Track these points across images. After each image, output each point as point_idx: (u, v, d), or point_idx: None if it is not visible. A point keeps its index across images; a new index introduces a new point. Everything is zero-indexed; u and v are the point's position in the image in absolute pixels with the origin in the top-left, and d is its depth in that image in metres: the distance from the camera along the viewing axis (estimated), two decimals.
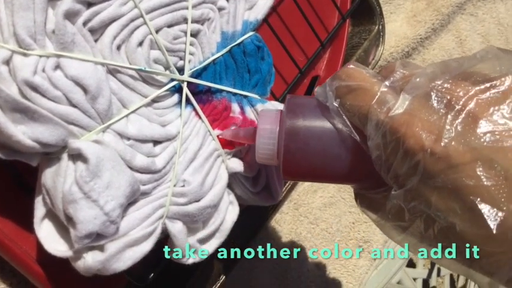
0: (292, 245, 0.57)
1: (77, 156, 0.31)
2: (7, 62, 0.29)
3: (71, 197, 0.30)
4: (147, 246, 0.34)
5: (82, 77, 0.31)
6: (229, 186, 0.39)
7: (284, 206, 0.57)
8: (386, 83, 0.26)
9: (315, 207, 0.59)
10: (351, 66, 0.29)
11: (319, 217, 0.60)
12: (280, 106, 0.40)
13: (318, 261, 0.59)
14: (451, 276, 0.73)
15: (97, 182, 0.31)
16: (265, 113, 0.34)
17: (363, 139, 0.28)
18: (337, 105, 0.29)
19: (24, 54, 0.29)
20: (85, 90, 0.31)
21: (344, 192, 0.62)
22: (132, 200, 0.33)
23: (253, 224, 0.51)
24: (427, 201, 0.23)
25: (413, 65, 0.27)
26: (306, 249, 0.58)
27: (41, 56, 0.30)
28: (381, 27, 0.60)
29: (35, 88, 0.29)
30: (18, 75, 0.29)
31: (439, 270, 0.72)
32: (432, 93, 0.24)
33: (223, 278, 0.48)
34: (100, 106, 0.32)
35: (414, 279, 0.69)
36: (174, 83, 0.36)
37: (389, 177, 0.25)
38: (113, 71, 0.33)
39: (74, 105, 0.31)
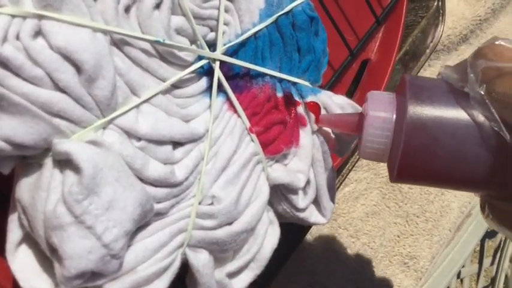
0: (330, 263, 0.48)
1: (66, 164, 0.22)
2: None
3: (57, 221, 0.22)
4: (160, 286, 0.25)
5: (74, 49, 0.21)
6: (268, 201, 0.30)
7: None
8: None
9: (356, 218, 0.50)
10: (501, 42, 0.24)
11: (360, 229, 0.51)
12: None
13: (357, 282, 0.50)
14: None
15: (93, 201, 0.22)
16: (376, 96, 0.27)
17: None
18: (482, 92, 0.24)
19: None
20: (78, 68, 0.22)
21: (389, 200, 0.53)
22: (142, 223, 0.24)
23: (288, 242, 0.42)
24: None
25: None
26: (346, 267, 0.49)
27: (14, 16, 0.21)
28: (440, 2, 0.50)
29: (3, 63, 0.20)
30: None
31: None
32: None
33: None
34: (99, 92, 0.22)
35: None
36: (203, 62, 0.26)
37: None
38: (118, 43, 0.24)
39: (62, 90, 0.22)
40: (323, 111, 0.31)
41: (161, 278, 0.25)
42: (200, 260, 0.26)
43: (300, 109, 0.30)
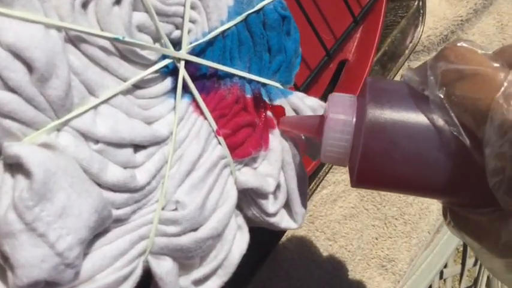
0: (305, 267, 0.47)
1: (17, 168, 0.21)
2: None
3: (7, 228, 0.20)
4: None
5: (24, 46, 0.20)
6: (237, 205, 0.29)
7: None
8: None
9: (333, 220, 0.49)
10: (462, 44, 0.23)
11: (338, 232, 0.50)
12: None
13: (334, 286, 0.49)
14: None
15: (45, 208, 0.20)
16: (336, 98, 0.26)
17: (475, 144, 0.22)
18: (441, 95, 0.23)
19: None
20: (29, 66, 0.20)
21: (367, 202, 0.52)
22: (100, 230, 0.23)
23: (261, 246, 0.41)
24: None
25: None
26: (322, 270, 0.48)
27: None
28: (421, 2, 0.49)
29: None
30: None
31: None
32: None
33: None
34: (53, 92, 0.21)
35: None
36: (167, 61, 0.25)
37: None
38: (74, 40, 0.22)
39: (12, 90, 0.21)
40: (292, 114, 0.30)
41: (122, 287, 0.24)
42: (163, 267, 0.25)
43: (268, 112, 0.29)
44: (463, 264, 0.63)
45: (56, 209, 0.21)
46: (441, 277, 0.62)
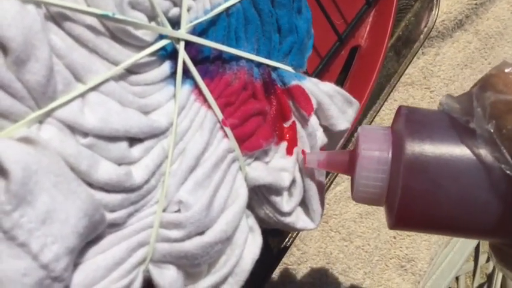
0: (320, 269, 0.44)
1: None
2: None
3: None
4: None
5: None
6: (248, 205, 0.26)
7: None
8: None
9: (349, 219, 0.46)
10: (511, 69, 0.21)
11: (354, 232, 0.47)
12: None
13: None
14: None
15: (26, 213, 0.18)
16: (368, 132, 0.24)
17: None
18: (491, 129, 0.21)
19: None
20: (3, 47, 0.17)
21: None
22: (92, 237, 0.20)
23: (272, 248, 0.38)
24: None
25: None
26: (338, 273, 0.45)
27: None
28: None
29: None
30: None
31: None
32: None
33: None
34: (32, 77, 0.18)
35: None
36: (164, 42, 0.22)
37: None
38: (57, 18, 0.19)
39: None
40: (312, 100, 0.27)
41: None
42: (166, 277, 0.22)
43: (282, 97, 0.26)
44: (476, 261, 0.60)
45: (38, 214, 0.18)
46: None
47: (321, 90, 0.27)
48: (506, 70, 0.21)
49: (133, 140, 0.21)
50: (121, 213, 0.21)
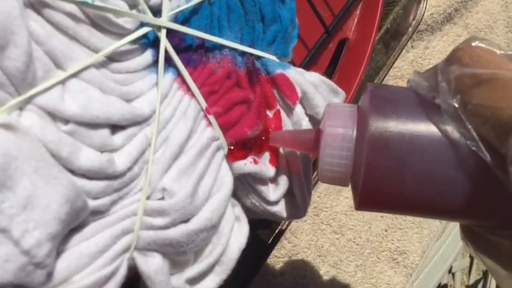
0: (312, 262, 0.44)
1: None
2: None
3: None
4: None
5: None
6: (234, 194, 0.26)
7: None
8: None
9: (340, 212, 0.46)
10: (478, 43, 0.20)
11: (345, 224, 0.47)
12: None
13: (343, 282, 0.46)
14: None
15: (7, 198, 0.18)
16: (333, 109, 0.24)
17: (497, 160, 0.19)
18: (456, 104, 0.20)
19: None
20: None
21: None
22: (74, 224, 0.20)
23: (262, 240, 0.38)
24: None
25: None
26: (330, 266, 0.45)
27: None
28: None
29: None
30: None
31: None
32: None
33: None
34: (11, 63, 0.18)
35: None
36: (145, 30, 0.22)
37: None
38: (36, 5, 0.19)
39: None
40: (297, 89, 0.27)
41: None
42: (151, 265, 0.22)
43: (266, 86, 0.26)
44: (472, 257, 0.60)
45: (19, 199, 0.18)
46: (450, 271, 0.59)
47: (306, 80, 0.27)
48: (473, 44, 0.21)
49: (115, 128, 0.21)
50: (104, 200, 0.21)
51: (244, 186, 0.26)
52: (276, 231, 0.38)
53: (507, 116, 0.18)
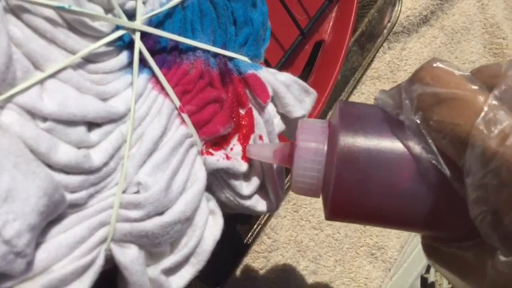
0: (291, 257, 0.45)
1: None
2: None
3: None
4: (81, 287, 0.22)
5: None
6: (209, 189, 0.27)
7: (281, 209, 0.45)
8: (496, 92, 0.19)
9: (319, 208, 0.48)
10: (438, 64, 0.21)
11: (324, 220, 0.48)
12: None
13: (323, 276, 0.47)
14: None
15: None
16: (306, 124, 0.25)
17: (455, 173, 0.21)
18: (418, 121, 0.21)
19: None
20: None
21: None
22: (53, 216, 0.21)
23: (241, 235, 0.39)
24: None
25: None
26: (309, 261, 0.46)
27: None
28: None
29: None
30: None
31: None
32: None
33: None
34: None
35: None
36: (120, 33, 0.23)
37: (498, 235, 0.19)
38: (15, 10, 0.21)
39: None
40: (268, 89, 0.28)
41: (81, 279, 0.22)
42: (128, 256, 0.23)
43: (239, 86, 0.27)
44: None
45: None
46: (429, 266, 0.60)
47: (277, 80, 0.29)
48: (434, 65, 0.22)
49: (92, 125, 0.22)
50: (81, 194, 0.22)
51: (219, 181, 0.27)
52: (254, 226, 0.39)
53: (464, 132, 0.19)
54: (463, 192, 0.20)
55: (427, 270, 0.64)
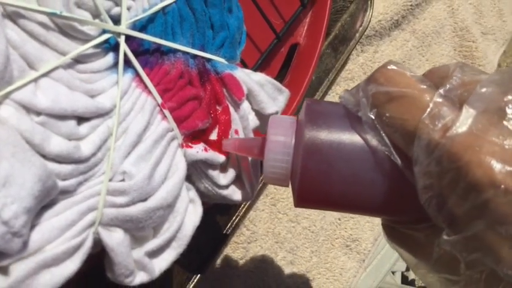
0: (269, 248, 0.48)
1: None
2: None
3: None
4: (71, 266, 0.24)
5: None
6: (189, 179, 0.30)
7: (259, 202, 0.48)
8: (441, 91, 0.22)
9: None
10: (391, 66, 0.23)
11: (300, 214, 0.51)
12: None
13: (299, 266, 0.50)
14: None
15: None
16: (276, 120, 0.27)
17: (406, 163, 0.23)
18: (373, 116, 0.23)
19: None
20: None
21: None
22: (46, 201, 0.23)
23: (221, 226, 0.41)
24: (495, 255, 0.19)
25: (473, 68, 0.23)
26: (286, 252, 0.49)
27: None
28: None
29: None
30: None
31: None
32: (508, 109, 0.20)
33: None
34: None
35: (393, 272, 0.62)
36: (106, 36, 0.26)
37: (442, 217, 0.21)
38: (12, 15, 0.23)
39: None
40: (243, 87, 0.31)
41: (72, 258, 0.24)
42: (114, 238, 0.26)
43: (216, 85, 0.30)
44: None
45: None
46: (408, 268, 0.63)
47: (252, 79, 0.31)
48: (388, 67, 0.24)
49: (81, 119, 0.25)
50: (72, 181, 0.24)
51: (198, 172, 0.30)
52: (233, 217, 0.42)
53: (412, 126, 0.22)
54: (413, 180, 0.22)
55: (407, 269, 0.67)
